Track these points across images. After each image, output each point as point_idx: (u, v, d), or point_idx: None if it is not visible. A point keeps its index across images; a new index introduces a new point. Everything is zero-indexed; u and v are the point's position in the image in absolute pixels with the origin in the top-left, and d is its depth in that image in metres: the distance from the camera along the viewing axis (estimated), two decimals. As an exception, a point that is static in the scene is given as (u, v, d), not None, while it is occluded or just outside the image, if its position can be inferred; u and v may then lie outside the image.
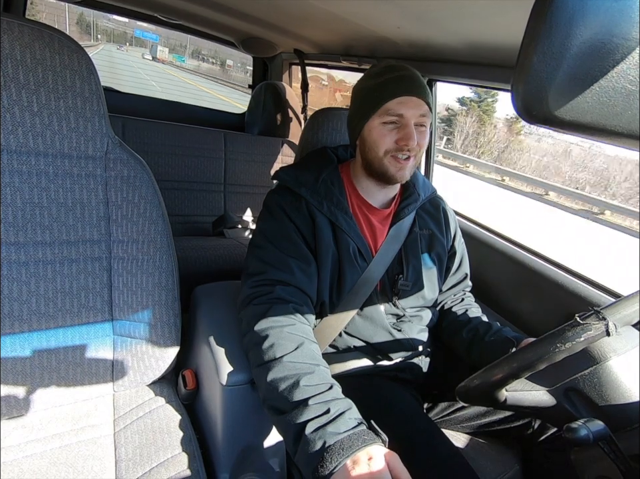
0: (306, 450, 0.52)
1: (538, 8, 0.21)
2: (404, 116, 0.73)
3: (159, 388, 0.85)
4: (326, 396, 0.56)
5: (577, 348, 0.49)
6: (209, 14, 1.53)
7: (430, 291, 0.86)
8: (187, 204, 1.72)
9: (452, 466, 0.64)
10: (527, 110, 0.23)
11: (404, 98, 0.73)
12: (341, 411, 0.54)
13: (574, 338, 0.49)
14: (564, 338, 0.49)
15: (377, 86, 0.75)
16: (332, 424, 0.52)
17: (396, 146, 0.74)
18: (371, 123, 0.75)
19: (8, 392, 0.70)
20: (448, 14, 0.79)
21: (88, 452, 0.69)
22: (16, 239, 0.67)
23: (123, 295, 0.77)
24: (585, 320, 0.49)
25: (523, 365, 0.52)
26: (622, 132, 0.23)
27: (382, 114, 0.74)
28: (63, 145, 0.68)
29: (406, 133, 0.73)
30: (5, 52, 0.60)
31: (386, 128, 0.74)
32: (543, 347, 0.50)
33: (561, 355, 0.50)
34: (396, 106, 0.73)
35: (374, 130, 0.75)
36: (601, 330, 0.48)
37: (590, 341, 0.49)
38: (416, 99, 0.73)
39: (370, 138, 0.76)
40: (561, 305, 0.97)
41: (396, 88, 0.73)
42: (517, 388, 0.57)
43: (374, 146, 0.76)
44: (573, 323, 0.50)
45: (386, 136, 0.74)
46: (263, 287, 0.71)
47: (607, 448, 0.46)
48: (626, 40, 0.21)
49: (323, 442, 0.51)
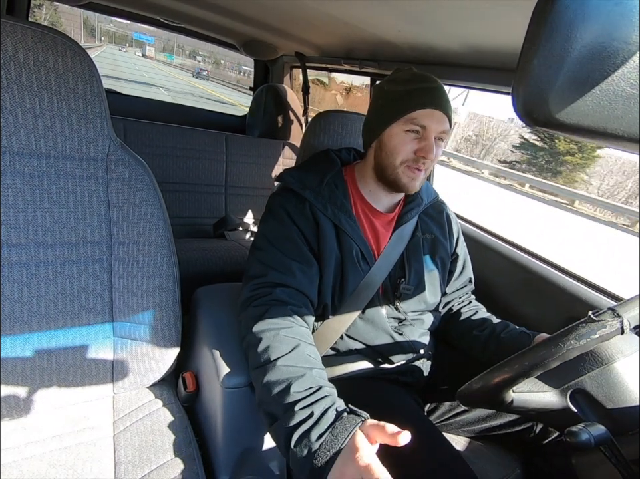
0: (295, 458, 0.52)
1: (539, 11, 0.21)
2: (428, 129, 0.73)
3: (159, 390, 0.84)
4: (311, 399, 0.55)
5: (590, 345, 0.49)
6: (211, 17, 1.54)
7: (431, 295, 0.86)
8: (188, 206, 1.72)
9: (453, 470, 0.63)
10: (527, 113, 0.23)
11: (430, 111, 0.72)
12: (323, 411, 0.54)
13: (589, 335, 0.48)
14: (578, 335, 0.49)
15: (405, 93, 0.74)
16: (315, 428, 0.52)
17: (414, 156, 0.74)
18: (393, 129, 0.75)
19: (8, 393, 0.70)
20: (448, 17, 0.80)
21: (87, 454, 0.69)
22: (17, 241, 0.67)
23: (124, 296, 0.77)
24: (599, 317, 0.49)
25: (536, 363, 0.51)
26: (622, 136, 0.23)
27: (407, 122, 0.73)
28: (65, 147, 0.69)
29: (427, 145, 0.73)
30: (8, 54, 0.60)
31: (408, 137, 0.74)
32: (557, 344, 0.50)
33: (574, 352, 0.49)
34: (422, 117, 0.72)
35: (395, 137, 0.75)
36: (615, 327, 0.48)
37: (604, 338, 0.49)
38: (441, 114, 0.73)
39: (389, 144, 0.76)
40: (563, 309, 0.97)
41: (425, 99, 0.72)
42: (524, 389, 0.57)
43: (393, 151, 0.75)
44: (587, 320, 0.49)
45: (407, 144, 0.74)
46: (262, 289, 0.71)
47: (609, 453, 0.45)
48: (626, 44, 0.21)
49: (309, 448, 0.51)
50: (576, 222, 10.86)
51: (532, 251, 1.14)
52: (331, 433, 0.51)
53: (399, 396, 0.79)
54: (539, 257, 1.11)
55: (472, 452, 0.84)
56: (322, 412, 0.54)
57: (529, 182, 14.24)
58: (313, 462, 0.49)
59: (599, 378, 0.54)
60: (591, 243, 8.56)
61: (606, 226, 11.43)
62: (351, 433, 0.50)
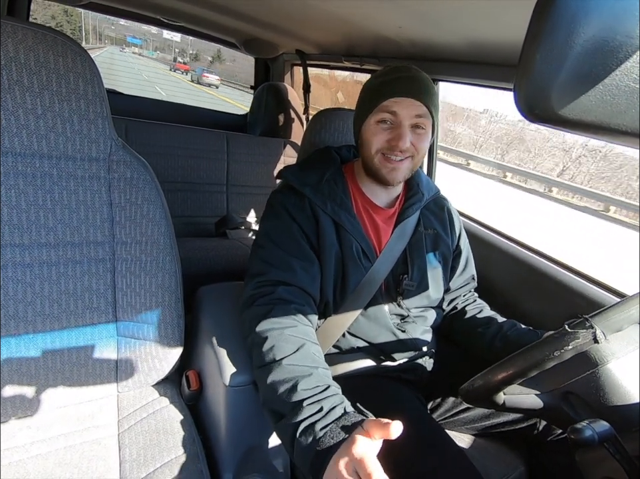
0: (299, 446, 0.52)
1: (541, 6, 0.21)
2: (398, 115, 0.73)
3: (163, 389, 0.85)
4: (320, 396, 0.56)
5: (566, 356, 0.50)
6: (211, 16, 1.54)
7: (434, 291, 0.86)
8: (190, 205, 1.73)
9: (457, 467, 0.63)
10: (529, 108, 0.23)
11: (399, 99, 0.73)
12: (332, 406, 0.55)
13: (562, 347, 0.50)
14: (552, 347, 0.50)
15: (378, 86, 0.75)
16: (322, 420, 0.53)
17: (387, 145, 0.75)
18: (368, 122, 0.77)
19: (13, 393, 0.71)
20: (449, 13, 0.79)
21: (92, 452, 0.70)
22: (20, 241, 0.68)
23: (126, 296, 0.77)
24: (573, 328, 0.50)
25: (516, 372, 0.52)
26: (625, 131, 0.23)
27: (377, 112, 0.74)
28: (67, 147, 0.69)
29: (398, 133, 0.73)
30: (9, 55, 0.60)
31: (379, 127, 0.75)
32: (533, 355, 0.51)
33: (551, 363, 0.51)
34: (391, 104, 0.73)
35: (369, 129, 0.76)
36: (588, 338, 0.49)
37: (579, 349, 0.50)
38: (413, 100, 0.73)
39: (364, 136, 0.78)
40: (565, 305, 0.96)
41: (395, 88, 0.73)
42: (515, 391, 0.57)
43: (367, 143, 0.77)
44: (561, 331, 0.51)
45: (378, 134, 0.75)
46: (265, 288, 0.71)
47: (613, 449, 0.45)
48: (629, 38, 0.20)
49: (313, 436, 0.51)
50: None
51: (534, 248, 1.13)
52: (336, 424, 0.52)
53: (402, 393, 0.79)
54: (541, 254, 1.10)
55: (475, 449, 0.84)
56: (331, 407, 0.54)
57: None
58: (316, 449, 0.50)
59: (590, 380, 0.54)
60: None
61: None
62: (355, 427, 0.50)
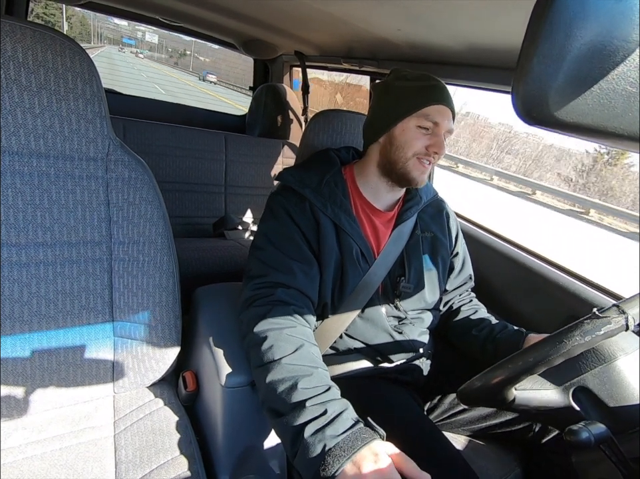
0: (306, 454, 0.51)
1: (539, 10, 0.21)
2: (439, 125, 0.76)
3: (159, 390, 0.84)
4: (323, 398, 0.56)
5: (595, 342, 0.49)
6: (211, 17, 1.54)
7: (431, 294, 0.86)
8: (188, 206, 1.72)
9: (453, 468, 0.63)
10: (527, 111, 0.23)
11: (442, 107, 0.75)
12: (338, 412, 0.54)
13: (593, 332, 0.48)
14: (583, 332, 0.49)
15: (418, 89, 0.76)
16: (330, 426, 0.52)
17: (425, 151, 0.76)
18: (406, 123, 0.76)
19: (8, 393, 0.70)
20: (448, 16, 0.80)
21: (88, 453, 0.69)
22: (17, 241, 0.67)
23: (124, 296, 0.77)
24: (604, 314, 0.49)
25: (540, 360, 0.51)
26: (622, 134, 0.23)
27: (420, 118, 0.75)
28: (64, 147, 0.69)
29: (438, 141, 0.76)
30: (7, 54, 0.60)
31: (420, 132, 0.76)
32: (562, 341, 0.50)
33: (579, 349, 0.49)
34: (435, 114, 0.75)
35: (408, 131, 0.76)
36: (620, 324, 0.48)
37: (609, 335, 0.49)
38: (450, 112, 0.77)
39: (401, 138, 0.77)
40: (562, 307, 0.97)
41: (437, 95, 0.75)
42: (526, 386, 0.57)
43: (404, 146, 0.77)
44: (592, 316, 0.50)
45: (419, 139, 0.76)
46: (264, 289, 0.71)
47: (609, 451, 0.45)
48: (626, 42, 0.21)
49: (323, 445, 0.50)
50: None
51: (532, 250, 1.14)
52: (349, 437, 0.51)
53: (399, 395, 0.79)
54: (539, 256, 1.11)
55: (471, 450, 0.84)
56: (337, 413, 0.54)
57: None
58: (325, 459, 0.49)
59: (601, 375, 0.54)
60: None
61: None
62: (369, 442, 0.50)
